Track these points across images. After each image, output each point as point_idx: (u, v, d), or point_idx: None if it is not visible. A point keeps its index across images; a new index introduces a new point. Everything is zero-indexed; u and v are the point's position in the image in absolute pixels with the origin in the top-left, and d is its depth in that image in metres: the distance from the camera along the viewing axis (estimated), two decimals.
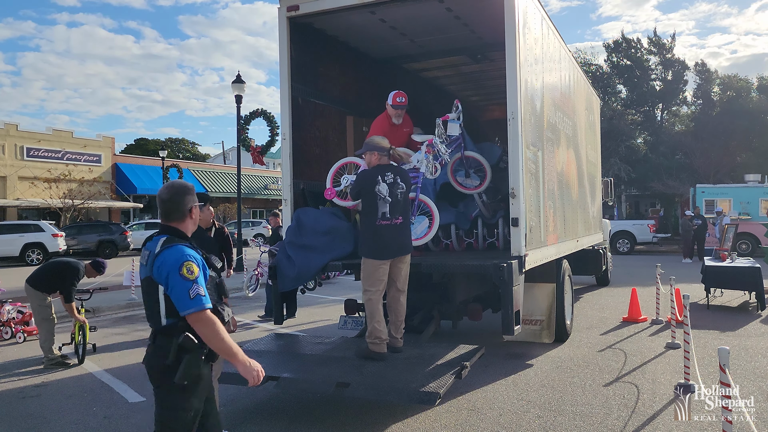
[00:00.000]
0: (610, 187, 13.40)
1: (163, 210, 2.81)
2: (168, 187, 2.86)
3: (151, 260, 2.67)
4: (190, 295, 2.58)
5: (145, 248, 2.78)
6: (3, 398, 5.67)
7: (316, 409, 5.13)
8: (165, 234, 2.76)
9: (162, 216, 2.83)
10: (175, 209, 2.81)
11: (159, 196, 2.85)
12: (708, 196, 21.14)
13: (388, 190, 5.11)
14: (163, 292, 2.64)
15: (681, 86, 33.78)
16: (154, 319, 2.70)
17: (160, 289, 2.64)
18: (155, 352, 2.67)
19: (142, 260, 2.75)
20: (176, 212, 2.81)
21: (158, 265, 2.64)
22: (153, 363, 2.68)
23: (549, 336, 7.15)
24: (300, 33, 6.77)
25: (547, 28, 7.05)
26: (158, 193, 2.88)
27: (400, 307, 5.31)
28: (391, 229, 5.11)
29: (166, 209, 2.81)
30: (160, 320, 2.66)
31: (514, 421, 4.69)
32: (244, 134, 15.58)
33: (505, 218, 6.40)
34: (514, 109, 5.63)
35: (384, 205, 5.09)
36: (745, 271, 9.46)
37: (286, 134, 6.56)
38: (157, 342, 2.68)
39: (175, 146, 58.25)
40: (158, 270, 2.63)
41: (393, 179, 5.17)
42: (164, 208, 2.81)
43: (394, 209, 5.12)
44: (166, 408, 2.67)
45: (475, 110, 12.00)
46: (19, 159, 30.18)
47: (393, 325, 5.34)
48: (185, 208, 2.82)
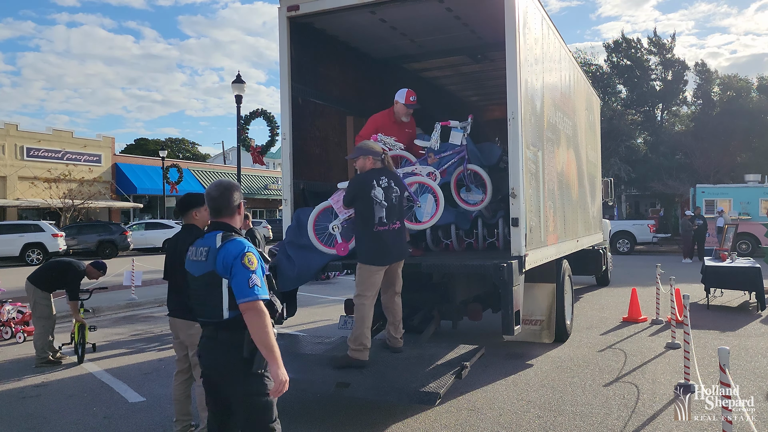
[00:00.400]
0: (610, 187, 13.40)
1: (213, 207, 2.94)
2: (217, 185, 2.98)
3: (213, 255, 2.78)
4: (248, 284, 2.70)
5: (197, 245, 2.91)
6: (3, 398, 5.67)
7: (316, 409, 5.13)
8: (219, 230, 2.88)
9: (213, 213, 2.95)
10: (226, 205, 2.94)
11: (209, 194, 2.96)
12: (708, 196, 21.13)
13: (383, 195, 5.00)
14: (227, 284, 2.75)
15: (681, 86, 33.80)
16: (213, 313, 2.78)
17: (224, 282, 2.75)
18: (223, 347, 2.77)
19: (198, 257, 2.86)
20: (227, 208, 2.94)
21: (222, 257, 2.75)
22: (225, 359, 2.76)
23: (549, 336, 7.15)
24: (300, 33, 6.77)
25: (547, 28, 7.05)
26: (207, 190, 2.99)
27: (398, 308, 5.31)
28: (389, 234, 5.00)
29: (217, 206, 2.94)
30: (222, 314, 2.75)
31: (514, 421, 4.69)
32: (244, 134, 15.57)
33: (505, 218, 6.39)
34: (514, 109, 5.63)
35: (380, 209, 4.96)
36: (745, 271, 9.45)
37: (286, 134, 6.56)
38: (220, 337, 2.77)
39: (176, 146, 58.24)
40: (223, 262, 2.75)
41: (388, 183, 5.06)
42: (215, 204, 2.94)
43: (391, 214, 5.02)
44: (257, 395, 2.77)
45: (475, 110, 11.99)
46: (19, 159, 30.18)
47: (392, 325, 5.33)
48: (234, 205, 2.96)
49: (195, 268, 2.87)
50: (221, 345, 2.77)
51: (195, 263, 2.87)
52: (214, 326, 2.80)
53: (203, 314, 2.85)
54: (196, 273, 2.86)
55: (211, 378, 2.87)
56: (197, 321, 2.98)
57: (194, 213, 4.35)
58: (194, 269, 2.87)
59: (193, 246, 2.93)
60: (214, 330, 2.80)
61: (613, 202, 15.06)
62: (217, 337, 2.78)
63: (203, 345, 2.87)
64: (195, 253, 2.89)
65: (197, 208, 4.33)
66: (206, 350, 2.84)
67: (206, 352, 2.84)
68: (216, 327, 2.79)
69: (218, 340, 2.78)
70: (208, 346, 2.83)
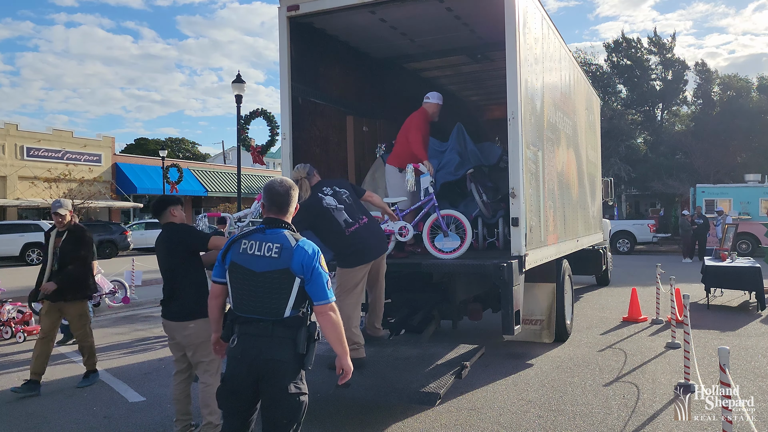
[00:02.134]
0: (610, 187, 13.40)
1: (277, 202, 2.92)
2: (282, 182, 2.97)
3: (288, 253, 2.77)
4: (327, 286, 2.79)
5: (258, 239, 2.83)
6: (3, 398, 5.67)
7: (316, 410, 5.12)
8: (282, 227, 2.88)
9: (275, 209, 2.92)
10: (288, 203, 2.94)
11: (273, 189, 2.93)
12: (708, 196, 21.13)
13: (335, 200, 4.88)
14: (299, 284, 2.76)
15: (681, 86, 33.78)
16: (271, 310, 2.76)
17: (296, 282, 2.76)
18: (280, 343, 2.75)
19: (266, 252, 2.79)
20: (288, 206, 2.95)
21: (300, 257, 2.76)
22: (280, 355, 2.74)
23: (549, 336, 7.15)
24: (300, 33, 6.77)
25: (547, 28, 7.04)
26: (271, 185, 2.95)
27: (381, 302, 5.33)
28: (362, 230, 4.91)
29: (282, 202, 2.93)
30: (284, 312, 2.75)
31: (514, 421, 4.69)
32: (244, 134, 15.55)
33: (505, 218, 6.39)
34: (514, 109, 5.62)
35: (340, 213, 4.86)
36: (745, 271, 9.45)
37: (286, 134, 6.56)
38: (277, 333, 2.75)
39: (175, 146, 58.21)
40: (301, 262, 2.76)
41: (332, 189, 4.97)
42: (280, 200, 2.92)
43: (352, 212, 4.91)
44: (301, 393, 2.80)
45: (475, 110, 12.00)
46: (19, 159, 30.17)
47: (374, 316, 5.33)
48: (294, 205, 2.99)
49: (258, 263, 2.78)
50: (279, 341, 2.75)
51: (259, 259, 2.79)
52: (271, 323, 2.76)
53: (256, 310, 2.77)
54: (258, 269, 2.78)
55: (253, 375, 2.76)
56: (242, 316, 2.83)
57: (172, 210, 4.30)
58: (256, 265, 2.78)
59: (251, 239, 2.84)
60: (269, 326, 2.75)
61: (613, 202, 15.07)
62: (274, 334, 2.75)
63: (251, 342, 2.76)
64: (259, 248, 2.80)
65: (175, 206, 4.33)
66: (257, 346, 2.75)
67: (257, 348, 2.75)
68: (273, 324, 2.76)
69: (275, 336, 2.75)
70: (259, 342, 2.75)
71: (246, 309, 2.81)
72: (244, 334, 2.79)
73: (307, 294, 2.80)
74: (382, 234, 5.22)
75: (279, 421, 2.76)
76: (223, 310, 3.13)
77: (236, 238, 2.91)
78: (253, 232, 2.89)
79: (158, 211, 4.35)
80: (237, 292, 2.85)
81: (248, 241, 2.84)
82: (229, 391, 2.84)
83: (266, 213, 2.96)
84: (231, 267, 2.87)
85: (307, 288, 2.77)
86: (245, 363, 2.76)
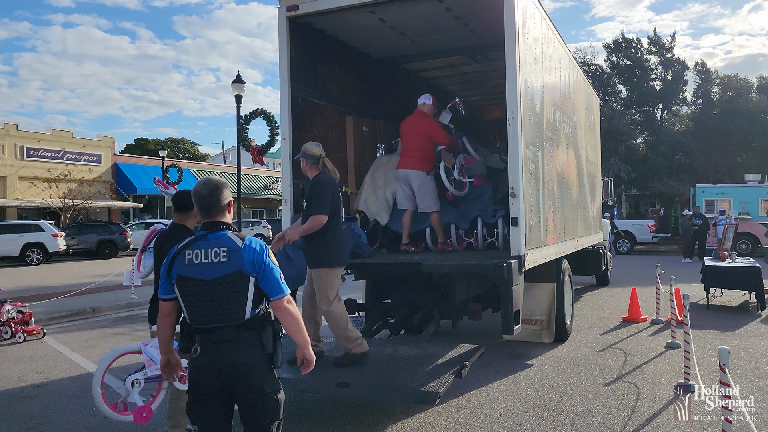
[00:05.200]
0: (610, 187, 13.40)
1: (204, 206, 2.80)
2: (205, 183, 2.84)
3: (237, 254, 2.66)
4: (280, 280, 2.71)
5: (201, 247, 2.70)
6: (3, 398, 5.67)
7: (316, 410, 5.12)
8: (221, 229, 2.76)
9: (204, 212, 2.81)
10: (217, 203, 2.81)
11: (197, 193, 2.81)
12: (708, 196, 21.12)
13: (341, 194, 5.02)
14: (254, 283, 2.68)
15: (681, 86, 33.78)
16: (231, 315, 2.66)
17: (251, 282, 2.67)
18: (247, 346, 2.67)
19: (213, 258, 2.68)
20: (217, 206, 2.81)
21: (250, 256, 2.67)
22: (250, 358, 2.67)
23: (549, 336, 7.15)
24: (300, 33, 6.77)
25: (546, 28, 7.04)
26: (195, 189, 2.83)
27: None
28: (345, 232, 5.03)
29: (208, 205, 2.80)
30: (244, 314, 2.67)
31: (514, 421, 4.69)
32: (244, 134, 15.55)
33: (505, 218, 6.40)
34: (513, 109, 5.62)
35: (340, 207, 4.96)
36: (745, 271, 9.45)
37: (286, 134, 6.56)
38: (242, 337, 2.67)
39: (175, 146, 58.21)
40: (251, 261, 2.67)
41: None
42: (205, 204, 2.80)
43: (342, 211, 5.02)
44: (277, 391, 2.75)
45: (475, 110, 12.00)
46: (19, 159, 30.17)
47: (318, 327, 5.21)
48: (226, 203, 2.85)
49: (207, 271, 2.66)
50: (245, 344, 2.68)
51: (207, 266, 2.67)
52: (234, 328, 2.67)
53: (216, 319, 2.67)
54: (208, 276, 2.66)
55: (222, 381, 2.69)
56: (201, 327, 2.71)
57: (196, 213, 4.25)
58: (206, 273, 2.66)
59: (194, 248, 2.71)
60: (232, 331, 2.67)
61: (613, 202, 15.07)
62: (239, 338, 2.67)
63: (216, 349, 2.66)
64: (205, 255, 2.68)
65: None
66: (223, 352, 2.66)
67: (224, 354, 2.66)
68: (236, 328, 2.67)
69: (240, 340, 2.67)
70: (226, 348, 2.66)
71: (204, 320, 2.69)
72: (207, 342, 2.69)
73: (263, 291, 2.73)
74: None
75: (262, 422, 2.72)
76: (175, 328, 2.92)
77: (178, 250, 2.75)
78: (194, 240, 2.75)
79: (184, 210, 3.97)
80: (191, 305, 2.71)
81: (192, 251, 2.70)
82: (199, 403, 2.75)
83: (201, 219, 2.84)
84: (179, 281, 2.71)
85: (261, 285, 2.69)
86: (212, 371, 2.67)
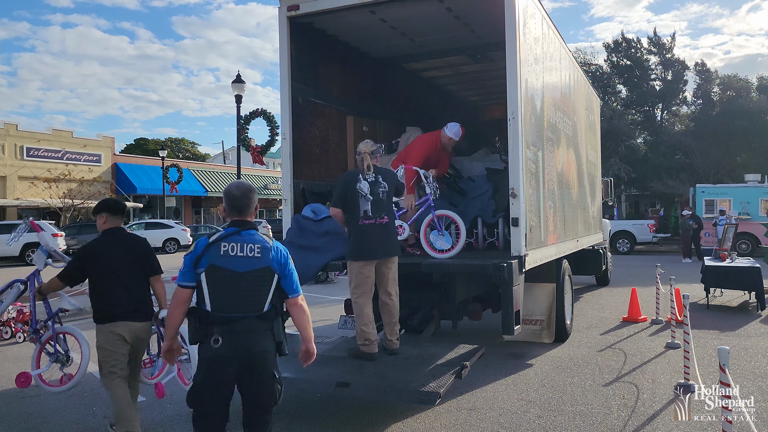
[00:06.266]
0: (610, 187, 13.39)
1: (237, 206, 3.08)
2: (238, 186, 3.13)
3: (267, 252, 3.00)
4: (297, 281, 3.11)
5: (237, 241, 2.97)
6: (3, 398, 5.66)
7: (316, 410, 5.12)
8: (250, 228, 3.07)
9: (235, 211, 3.09)
10: (249, 205, 3.12)
11: (230, 194, 3.09)
12: (708, 196, 21.12)
13: (369, 188, 5.04)
14: (276, 280, 3.02)
15: (681, 86, 33.81)
16: (253, 307, 2.96)
17: (275, 279, 3.01)
18: (262, 336, 2.97)
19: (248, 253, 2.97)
20: (249, 208, 3.12)
21: (276, 255, 3.03)
22: (267, 346, 2.98)
23: (549, 336, 7.14)
24: (300, 33, 6.77)
25: (547, 28, 7.04)
26: (228, 191, 3.10)
27: (392, 310, 5.23)
28: (375, 228, 5.01)
29: (243, 205, 3.09)
30: (263, 307, 2.98)
31: (514, 421, 4.69)
32: (244, 134, 15.56)
33: (505, 218, 6.39)
34: (514, 109, 5.62)
35: (365, 203, 5.00)
36: (745, 271, 9.45)
37: (286, 134, 6.56)
38: (258, 327, 2.96)
39: (175, 146, 58.18)
40: (278, 260, 3.03)
41: (375, 178, 5.10)
42: (241, 204, 3.08)
43: (377, 207, 5.03)
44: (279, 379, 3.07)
45: (475, 110, 12.00)
46: (19, 159, 30.17)
47: (387, 326, 5.28)
48: (255, 205, 3.18)
49: (241, 264, 2.95)
50: (260, 334, 2.96)
51: (242, 259, 2.95)
52: (254, 318, 2.95)
53: (239, 309, 2.93)
54: (241, 269, 2.94)
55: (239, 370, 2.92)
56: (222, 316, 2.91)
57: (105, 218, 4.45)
58: (239, 265, 2.94)
59: (230, 242, 2.96)
60: (252, 322, 2.94)
61: (613, 202, 15.06)
62: (255, 328, 2.94)
63: (238, 339, 2.90)
64: (241, 249, 2.96)
65: None
66: (245, 342, 2.91)
67: (246, 344, 2.91)
68: (256, 319, 2.95)
69: (257, 330, 2.95)
70: (247, 338, 2.92)
71: (228, 309, 2.93)
72: (229, 332, 2.90)
73: (281, 288, 3.05)
74: (393, 239, 5.24)
75: (266, 403, 3.06)
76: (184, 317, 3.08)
77: (212, 241, 2.98)
78: (228, 235, 3.00)
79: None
80: (219, 294, 2.93)
81: (228, 244, 2.97)
82: (211, 391, 2.94)
83: (230, 217, 3.09)
84: (210, 270, 2.93)
85: (282, 283, 3.04)
86: (236, 360, 2.90)
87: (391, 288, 5.21)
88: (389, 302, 5.22)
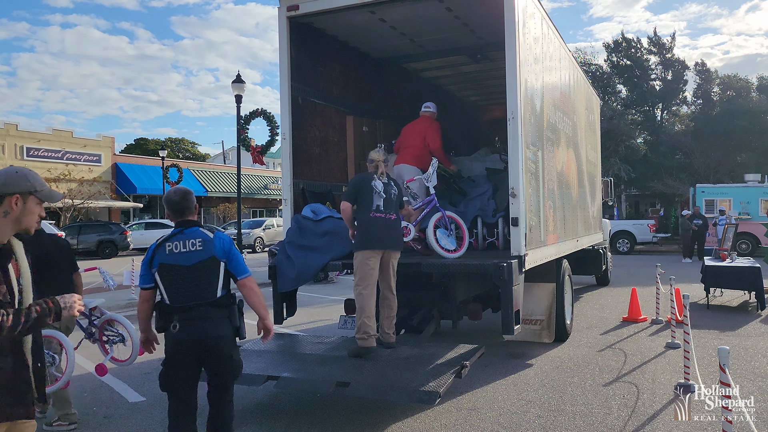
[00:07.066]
0: (610, 187, 13.39)
1: (178, 209, 3.44)
2: (176, 191, 3.48)
3: (210, 243, 3.33)
4: (244, 262, 3.44)
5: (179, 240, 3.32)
6: None
7: (316, 409, 5.13)
8: (195, 225, 3.42)
9: (177, 213, 3.44)
10: (188, 206, 3.46)
11: (170, 199, 3.44)
12: (708, 196, 21.12)
13: (383, 187, 5.31)
14: (224, 267, 3.33)
15: (681, 86, 33.78)
16: (207, 294, 3.28)
17: (221, 266, 3.33)
18: (220, 321, 3.29)
19: (190, 248, 3.30)
20: (189, 208, 3.47)
21: (219, 245, 3.34)
22: (223, 331, 3.30)
23: (549, 336, 7.14)
24: (300, 33, 6.77)
25: (547, 28, 7.04)
26: (168, 197, 3.45)
27: (392, 304, 5.42)
28: (383, 221, 5.23)
29: (182, 208, 3.44)
30: (216, 293, 3.30)
31: (514, 421, 4.69)
32: (244, 134, 15.56)
33: (505, 218, 6.39)
34: (514, 109, 5.62)
35: (379, 198, 5.25)
36: (745, 271, 9.45)
37: (286, 134, 6.57)
38: (215, 314, 3.29)
39: (175, 146, 58.19)
40: (221, 248, 3.34)
41: (387, 180, 5.41)
42: (179, 207, 3.44)
43: (388, 205, 5.29)
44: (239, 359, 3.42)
45: (475, 110, 12.00)
46: (19, 159, 30.15)
47: (386, 320, 5.41)
48: (193, 206, 3.52)
49: (187, 258, 3.29)
50: (218, 320, 3.29)
51: (186, 254, 3.30)
52: (209, 305, 3.27)
53: (195, 297, 3.27)
54: (188, 263, 3.29)
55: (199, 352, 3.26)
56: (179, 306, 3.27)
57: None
58: (186, 260, 3.29)
59: (174, 241, 3.32)
60: (208, 309, 3.27)
61: (613, 202, 15.07)
62: (212, 315, 3.28)
63: (195, 325, 3.25)
64: (184, 246, 3.31)
65: None
66: (202, 328, 3.25)
67: (203, 330, 3.25)
68: (211, 306, 3.28)
69: (214, 317, 3.28)
70: (204, 324, 3.26)
71: (183, 299, 3.28)
72: (186, 319, 3.26)
73: (230, 273, 3.37)
74: (399, 235, 5.46)
75: (228, 382, 3.45)
76: (152, 311, 3.48)
77: (158, 244, 3.37)
78: (173, 235, 3.37)
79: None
80: (172, 288, 3.31)
81: (172, 243, 3.34)
82: (174, 371, 3.32)
83: (173, 219, 3.46)
84: (161, 268, 3.32)
85: (229, 267, 3.36)
86: (193, 344, 3.26)
87: (393, 282, 5.39)
88: (390, 296, 5.40)
